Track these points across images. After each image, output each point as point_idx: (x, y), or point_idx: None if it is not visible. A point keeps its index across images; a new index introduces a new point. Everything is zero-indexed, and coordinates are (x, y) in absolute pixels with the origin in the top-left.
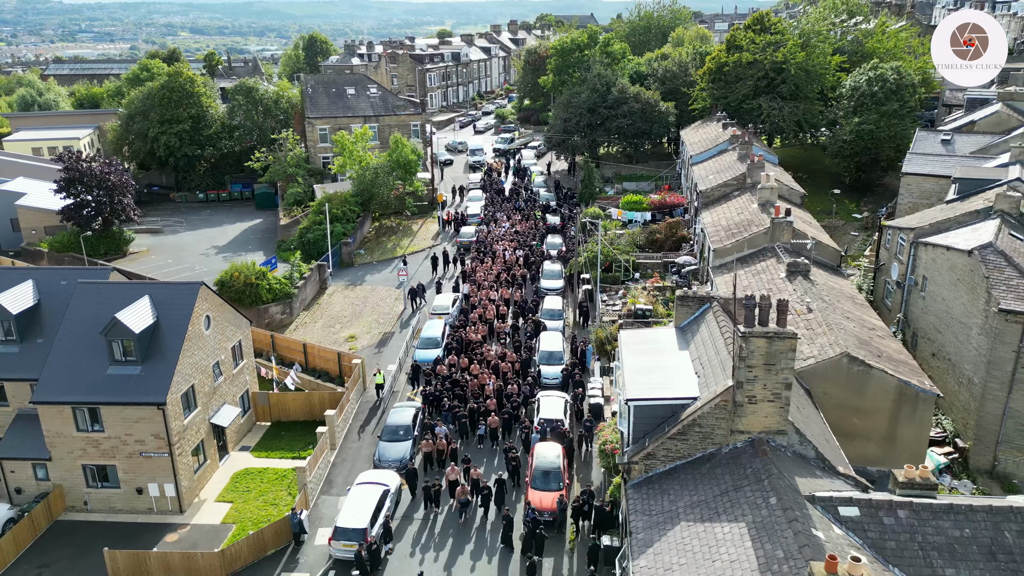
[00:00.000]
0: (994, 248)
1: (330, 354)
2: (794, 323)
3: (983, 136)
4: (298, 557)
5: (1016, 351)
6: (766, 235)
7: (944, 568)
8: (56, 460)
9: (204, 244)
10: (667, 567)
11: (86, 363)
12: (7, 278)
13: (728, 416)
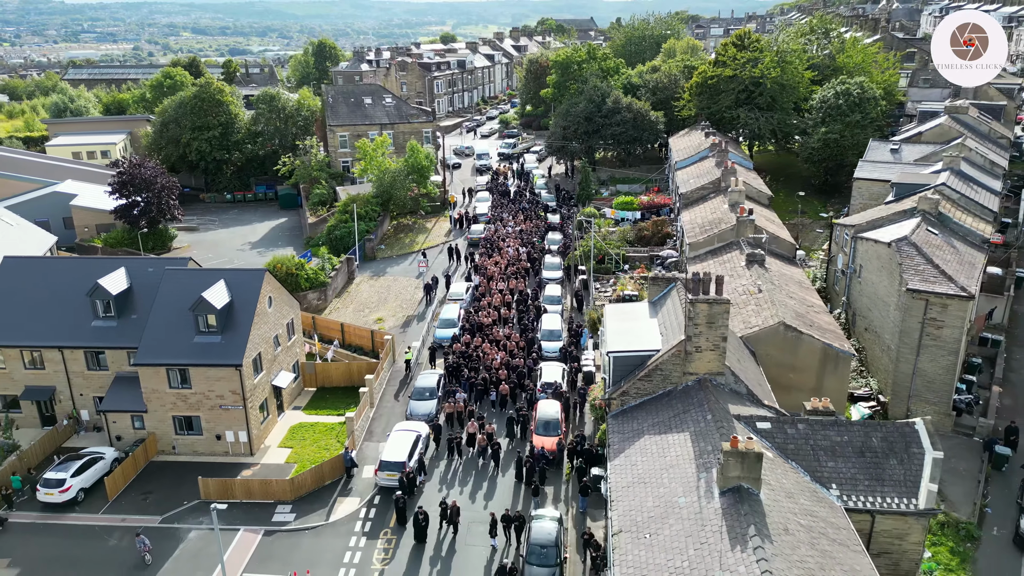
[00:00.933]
0: (908, 240)
1: (364, 332)
2: (745, 301)
3: (927, 146)
4: (350, 486)
5: (921, 322)
6: (732, 231)
7: (827, 462)
8: (151, 412)
9: (238, 240)
10: (633, 463)
11: (176, 333)
12: (103, 266)
13: (681, 362)
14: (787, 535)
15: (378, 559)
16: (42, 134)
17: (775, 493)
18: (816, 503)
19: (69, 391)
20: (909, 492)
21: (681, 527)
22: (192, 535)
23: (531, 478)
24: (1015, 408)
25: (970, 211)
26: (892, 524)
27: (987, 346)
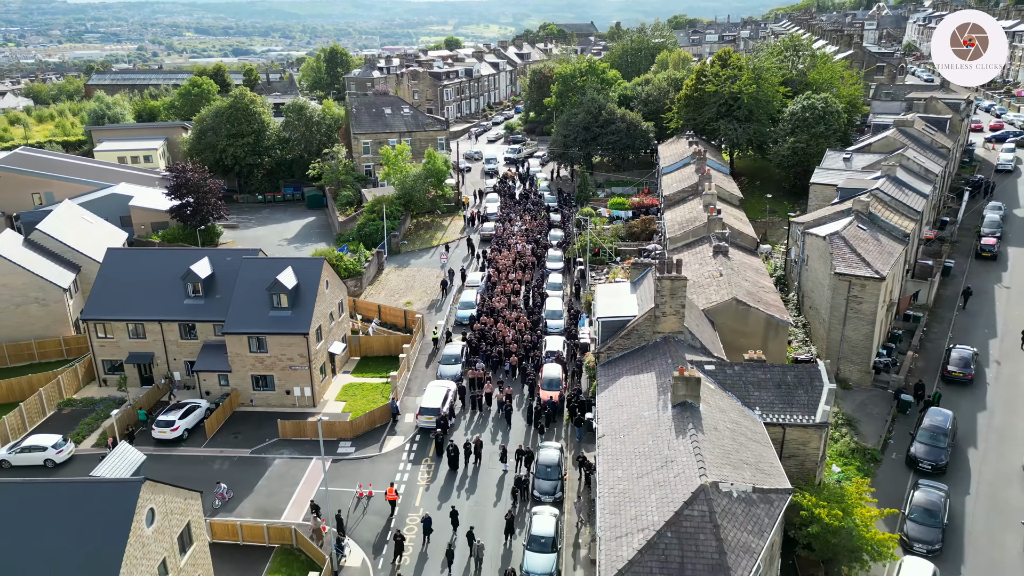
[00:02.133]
0: (839, 235)
1: (398, 312)
2: (709, 282)
3: (874, 155)
4: (395, 429)
5: (846, 299)
6: (704, 227)
7: (753, 392)
8: (235, 371)
9: (275, 236)
10: (614, 394)
11: (255, 308)
12: (190, 256)
13: (651, 324)
14: (716, 432)
15: (421, 479)
16: (79, 138)
17: (711, 408)
18: (742, 417)
19: (165, 356)
20: (810, 412)
21: (644, 429)
22: (276, 463)
23: (538, 421)
24: (925, 369)
25: (897, 211)
26: (798, 434)
27: (910, 321)
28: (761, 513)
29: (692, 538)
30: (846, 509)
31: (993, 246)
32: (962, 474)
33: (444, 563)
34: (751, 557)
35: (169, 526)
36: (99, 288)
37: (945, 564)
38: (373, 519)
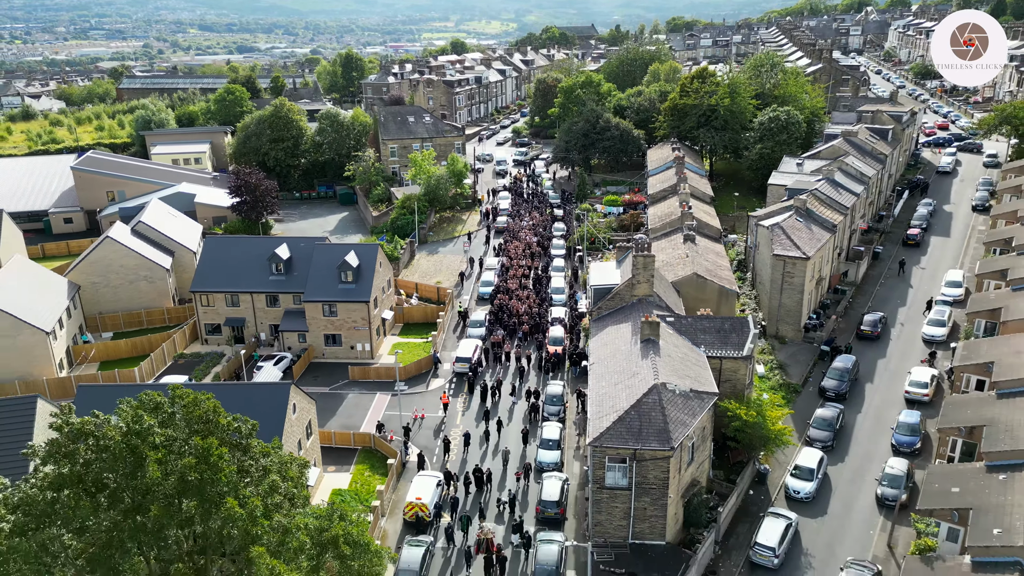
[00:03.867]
0: (779, 225)
1: (431, 288)
2: (677, 262)
3: (822, 161)
4: (437, 373)
5: (782, 274)
6: (678, 220)
7: (700, 336)
8: (311, 331)
9: (317, 229)
10: (601, 337)
11: (327, 282)
12: (272, 243)
13: (629, 289)
14: (669, 358)
15: (459, 408)
16: (125, 141)
17: (667, 344)
18: (690, 351)
19: (254, 320)
20: (739, 349)
21: (621, 357)
22: (349, 396)
23: (546, 368)
24: (844, 329)
25: (830, 206)
26: (730, 364)
27: (839, 293)
28: (695, 405)
29: (647, 415)
30: (760, 412)
31: (916, 235)
32: (858, 400)
33: (479, 462)
34: (685, 428)
35: (301, 418)
36: (202, 267)
37: (832, 455)
38: (426, 432)
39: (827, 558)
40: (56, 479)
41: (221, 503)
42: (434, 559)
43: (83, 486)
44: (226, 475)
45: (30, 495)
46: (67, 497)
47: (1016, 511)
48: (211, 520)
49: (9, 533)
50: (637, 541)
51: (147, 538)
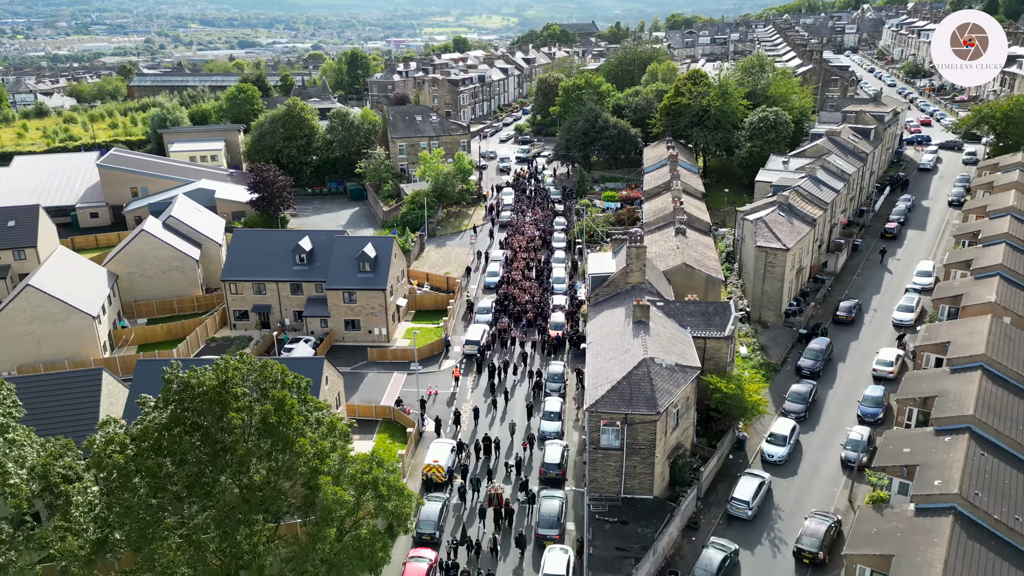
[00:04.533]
0: (762, 219)
1: (441, 278)
2: (669, 252)
3: (806, 159)
4: (448, 354)
5: (764, 264)
6: (670, 215)
7: (687, 318)
8: (333, 317)
9: (330, 223)
10: (598, 320)
11: (347, 272)
12: (296, 236)
13: (624, 277)
14: (657, 337)
15: (469, 386)
16: (140, 138)
17: (656, 325)
18: (677, 331)
19: (279, 307)
20: (721, 329)
21: (615, 336)
22: (369, 375)
23: (548, 349)
24: (823, 315)
25: (811, 202)
26: (713, 344)
27: (818, 282)
28: (679, 377)
29: (637, 385)
30: (739, 386)
31: (894, 228)
32: (830, 377)
33: (488, 431)
34: (670, 396)
35: (332, 389)
36: (231, 258)
37: (805, 425)
38: (439, 406)
39: (795, 511)
40: (166, 420)
41: (295, 441)
42: (449, 513)
43: (183, 427)
44: (296, 421)
45: (147, 428)
46: (174, 435)
47: (955, 466)
48: (285, 455)
49: (131, 457)
50: (628, 495)
51: (233, 468)
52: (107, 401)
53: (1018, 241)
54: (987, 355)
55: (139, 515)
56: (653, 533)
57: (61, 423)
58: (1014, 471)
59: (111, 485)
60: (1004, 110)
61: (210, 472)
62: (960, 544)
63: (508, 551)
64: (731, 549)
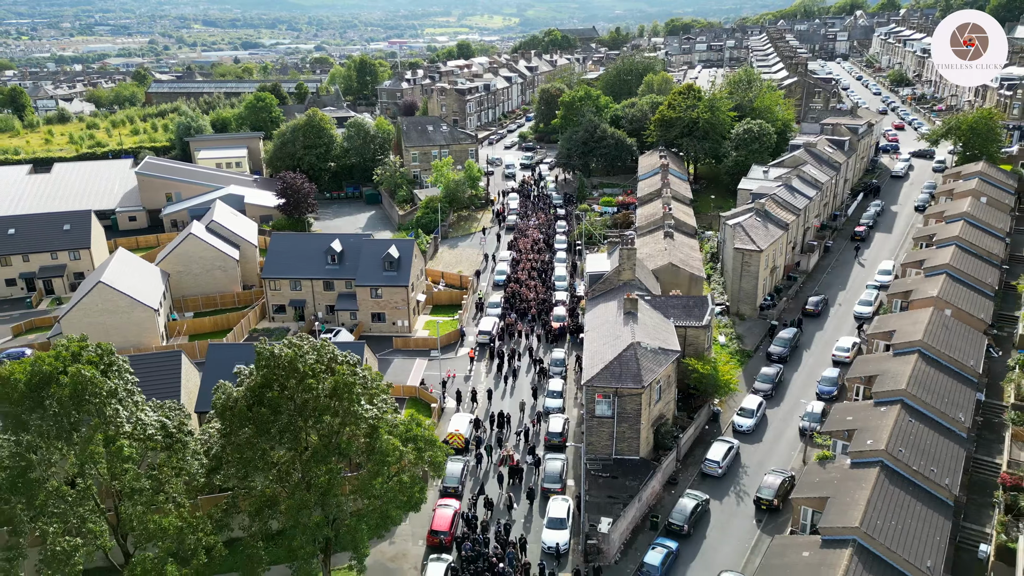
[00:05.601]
0: (740, 224)
1: (455, 276)
2: (658, 253)
3: (784, 169)
4: (463, 343)
5: (741, 264)
6: (660, 219)
7: (670, 310)
8: (361, 311)
9: (350, 226)
10: (594, 312)
11: (374, 271)
12: (328, 239)
13: (617, 275)
14: (644, 326)
15: (483, 370)
16: (164, 145)
17: (643, 316)
18: (661, 322)
19: (313, 302)
20: (700, 319)
21: (608, 325)
22: (395, 361)
23: (551, 338)
24: (793, 310)
25: (786, 208)
26: (693, 332)
27: (791, 280)
28: (662, 358)
29: (625, 365)
30: (714, 368)
31: (862, 232)
32: (796, 361)
33: (500, 408)
34: (653, 373)
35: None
36: (270, 258)
37: (771, 401)
38: (456, 387)
39: (757, 470)
40: (260, 381)
41: (358, 403)
42: (468, 472)
43: (273, 389)
44: (356, 387)
45: (250, 387)
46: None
47: (885, 430)
48: (348, 415)
49: (241, 409)
50: (618, 456)
51: (314, 420)
52: (184, 378)
53: (967, 244)
54: (924, 341)
55: (245, 452)
56: (638, 486)
57: (150, 394)
58: (935, 434)
59: (227, 429)
60: (969, 123)
61: (297, 422)
62: (882, 488)
63: (520, 501)
64: (703, 499)
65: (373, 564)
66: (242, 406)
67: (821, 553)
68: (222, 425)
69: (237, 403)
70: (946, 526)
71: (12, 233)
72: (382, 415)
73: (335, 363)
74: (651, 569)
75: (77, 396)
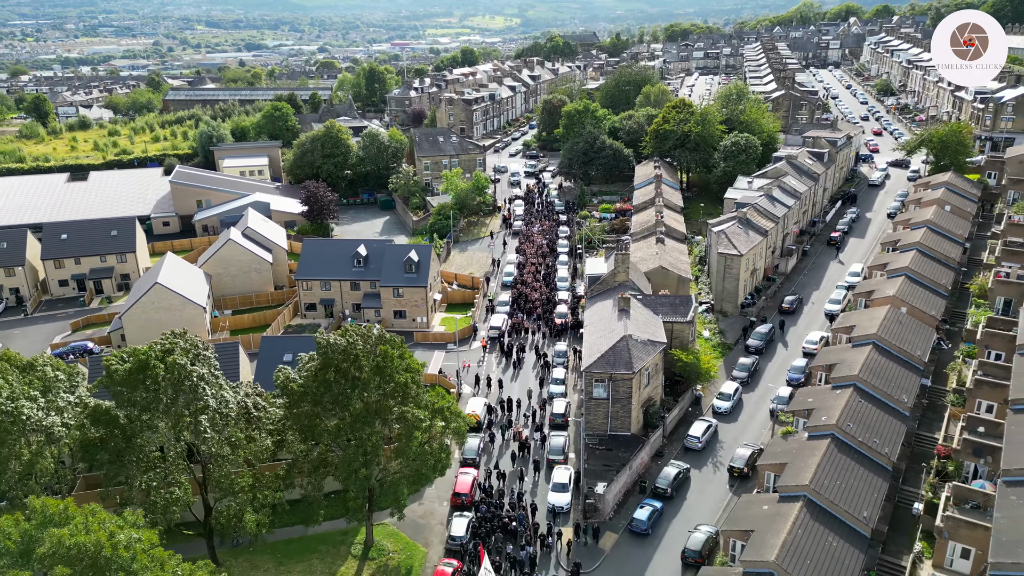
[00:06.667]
0: (723, 231)
1: (467, 277)
2: (650, 257)
3: (767, 179)
4: (476, 336)
5: (723, 267)
6: (653, 226)
7: (659, 307)
8: (384, 308)
9: (368, 231)
10: (593, 309)
11: (396, 273)
12: (354, 244)
13: (612, 277)
14: (636, 321)
15: (494, 360)
16: (187, 152)
17: (636, 312)
18: (651, 317)
19: (340, 301)
20: (685, 316)
21: (604, 320)
22: (415, 353)
23: (554, 332)
24: (771, 307)
25: (766, 216)
26: (679, 327)
27: (771, 281)
28: (650, 348)
29: (619, 354)
30: (696, 357)
31: (838, 237)
32: (772, 352)
33: (509, 394)
34: (643, 361)
35: None
36: (303, 261)
37: (747, 387)
38: (471, 375)
39: (732, 444)
40: (319, 364)
41: (396, 377)
42: (485, 447)
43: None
44: (396, 364)
45: (310, 368)
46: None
47: (838, 408)
48: (391, 385)
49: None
50: (613, 432)
51: (359, 391)
52: (243, 366)
53: (928, 248)
54: (878, 334)
55: (304, 422)
56: (629, 456)
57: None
58: (881, 412)
59: (290, 403)
60: (940, 136)
61: (347, 393)
62: (831, 455)
63: (528, 471)
64: (684, 467)
65: (407, 520)
66: (303, 384)
67: (777, 506)
68: (286, 400)
69: (299, 382)
70: (884, 486)
71: (65, 238)
72: (417, 386)
73: (382, 343)
74: (639, 523)
75: (175, 379)
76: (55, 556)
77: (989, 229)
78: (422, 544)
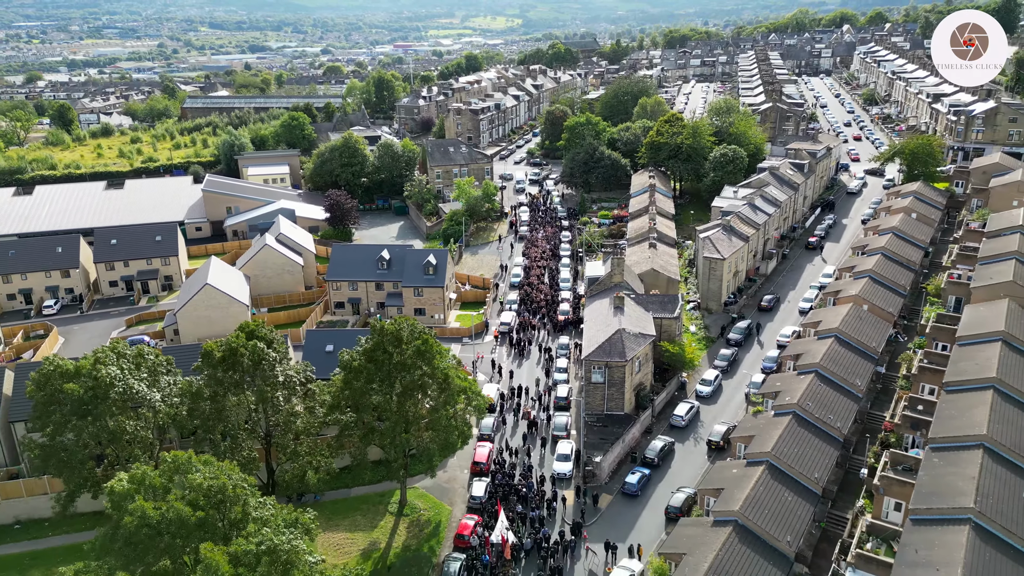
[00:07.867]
0: (708, 236)
1: (479, 279)
2: (644, 260)
3: (751, 189)
4: (487, 333)
5: (708, 269)
6: (646, 232)
7: (649, 305)
8: (406, 306)
9: (385, 236)
10: (592, 307)
11: (417, 274)
12: (378, 249)
13: (609, 278)
14: (629, 317)
15: (504, 353)
16: (209, 160)
17: (629, 309)
18: (643, 314)
19: (366, 299)
20: (672, 312)
21: (601, 316)
22: None
23: (558, 328)
24: (751, 306)
25: (747, 223)
26: (667, 322)
27: (752, 282)
28: (641, 340)
29: (614, 345)
30: (681, 348)
31: (815, 241)
32: (750, 344)
33: (519, 382)
34: (634, 350)
35: None
36: (333, 264)
37: (726, 375)
38: (484, 365)
39: (711, 423)
40: (372, 346)
41: (435, 362)
42: (499, 425)
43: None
44: (433, 349)
45: (365, 350)
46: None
47: (800, 391)
48: (429, 366)
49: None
50: (609, 412)
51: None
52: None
53: (891, 253)
54: (840, 328)
55: (358, 396)
56: (623, 431)
57: None
58: (837, 394)
59: (347, 379)
60: (912, 147)
61: (392, 374)
62: (791, 429)
63: (536, 445)
64: (669, 441)
65: (435, 485)
66: (359, 363)
67: (744, 469)
68: (344, 375)
69: (355, 361)
70: (834, 454)
71: (114, 243)
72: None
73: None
74: (630, 487)
75: (255, 362)
76: (195, 492)
77: (952, 234)
78: (448, 504)
